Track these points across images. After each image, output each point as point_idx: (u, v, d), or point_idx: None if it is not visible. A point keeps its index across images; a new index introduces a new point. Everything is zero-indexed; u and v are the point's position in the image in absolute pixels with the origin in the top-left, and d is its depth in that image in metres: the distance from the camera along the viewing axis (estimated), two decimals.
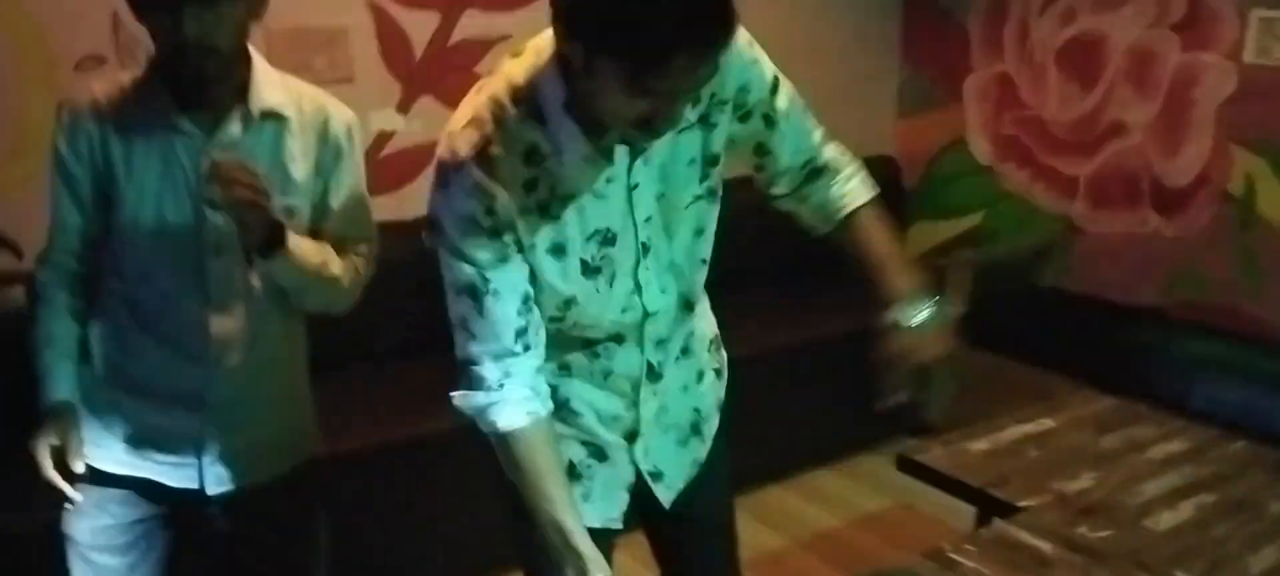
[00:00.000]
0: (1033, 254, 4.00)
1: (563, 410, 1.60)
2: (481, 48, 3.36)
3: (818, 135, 1.66)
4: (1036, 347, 3.48)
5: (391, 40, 3.23)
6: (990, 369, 3.43)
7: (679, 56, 1.23)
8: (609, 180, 1.45)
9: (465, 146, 1.38)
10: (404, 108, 3.30)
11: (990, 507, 1.95)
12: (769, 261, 3.56)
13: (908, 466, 2.10)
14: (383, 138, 3.28)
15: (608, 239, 1.49)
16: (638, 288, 1.55)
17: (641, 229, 1.51)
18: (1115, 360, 3.26)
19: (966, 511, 2.05)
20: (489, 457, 1.55)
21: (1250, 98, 3.33)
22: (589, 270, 1.50)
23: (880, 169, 1.91)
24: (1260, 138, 3.34)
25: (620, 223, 1.49)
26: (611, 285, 1.53)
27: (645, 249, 1.53)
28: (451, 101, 3.20)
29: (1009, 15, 3.96)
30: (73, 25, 2.75)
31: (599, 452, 1.67)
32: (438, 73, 3.32)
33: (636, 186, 1.48)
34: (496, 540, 1.81)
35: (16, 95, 2.72)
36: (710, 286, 1.71)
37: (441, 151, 1.42)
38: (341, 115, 1.76)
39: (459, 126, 1.41)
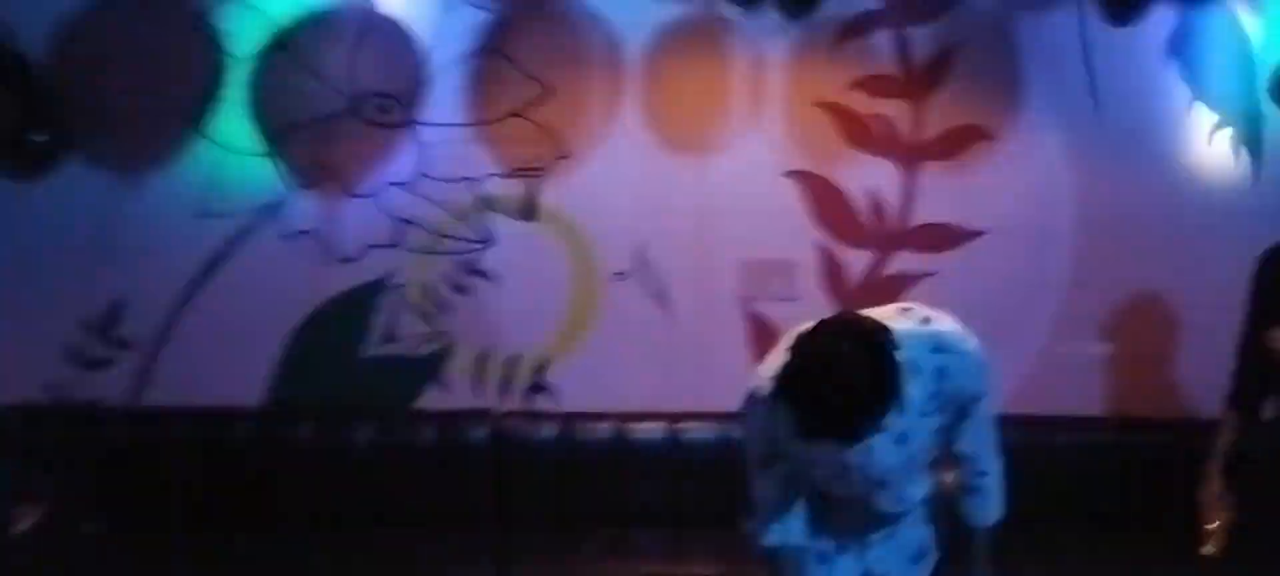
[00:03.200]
0: None
1: (817, 520, 2.22)
2: (909, 281, 3.99)
3: (991, 447, 2.20)
4: None
5: (833, 272, 4.04)
6: None
7: (835, 444, 1.88)
8: None
9: (762, 389, 1.99)
10: None
11: None
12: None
13: None
14: None
15: (845, 467, 2.06)
16: (873, 500, 2.15)
17: (876, 473, 2.07)
18: None
19: None
20: None
21: None
22: (831, 480, 2.12)
23: None
24: None
25: (855, 462, 2.04)
26: (851, 490, 2.13)
27: (881, 483, 2.11)
28: None
29: None
30: (608, 244, 3.93)
31: (842, 548, 2.25)
32: (868, 300, 4.01)
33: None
34: None
35: (569, 291, 3.95)
36: None
37: (752, 383, 2.05)
38: None
39: (768, 370, 1.97)
